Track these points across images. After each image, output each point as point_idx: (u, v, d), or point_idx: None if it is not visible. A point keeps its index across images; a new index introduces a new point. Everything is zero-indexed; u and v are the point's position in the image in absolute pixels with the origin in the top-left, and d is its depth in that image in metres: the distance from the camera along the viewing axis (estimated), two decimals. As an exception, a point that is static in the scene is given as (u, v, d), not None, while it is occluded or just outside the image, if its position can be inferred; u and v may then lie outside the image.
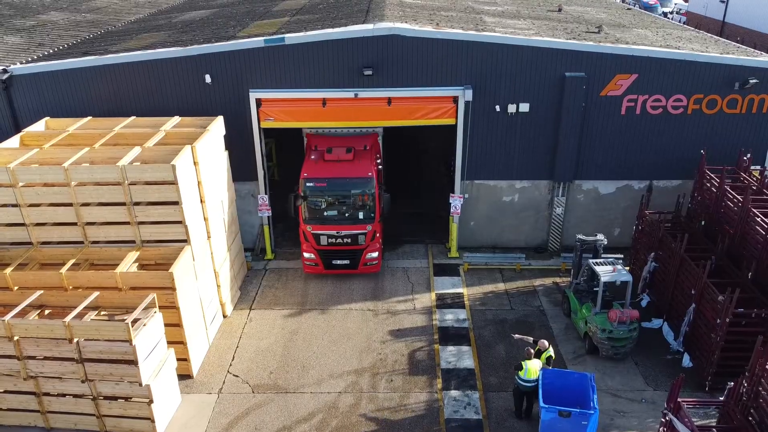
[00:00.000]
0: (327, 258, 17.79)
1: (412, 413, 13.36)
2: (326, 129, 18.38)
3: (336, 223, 17.45)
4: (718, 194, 15.81)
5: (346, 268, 17.89)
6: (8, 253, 14.22)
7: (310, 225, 17.49)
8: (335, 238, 17.50)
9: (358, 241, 17.54)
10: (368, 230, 17.44)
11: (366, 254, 17.71)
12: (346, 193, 17.32)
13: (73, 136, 15.60)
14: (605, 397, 13.61)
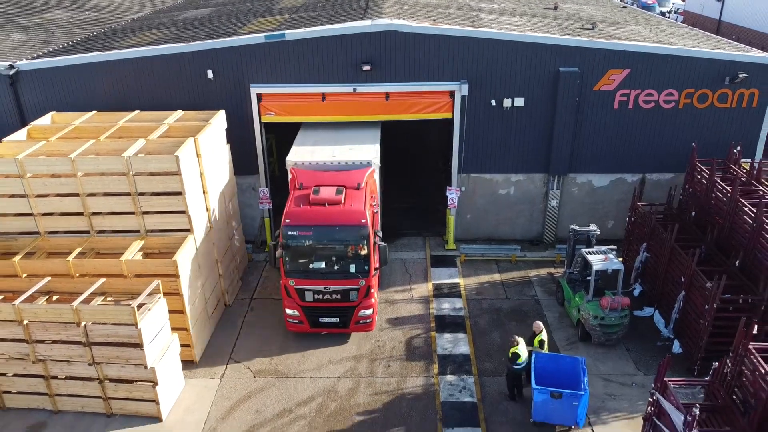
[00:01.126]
0: (313, 316, 15.36)
1: (409, 396, 13.76)
2: (314, 161, 16.38)
3: (323, 278, 15.02)
4: (708, 186, 16.19)
5: (334, 327, 15.51)
6: (16, 243, 14.61)
7: (293, 279, 15.01)
8: (322, 294, 15.07)
9: (349, 297, 15.10)
10: (361, 285, 14.99)
11: (358, 312, 15.27)
12: (334, 242, 14.98)
13: (78, 130, 16.01)
14: (597, 382, 14.01)
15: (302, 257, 14.97)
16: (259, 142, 18.70)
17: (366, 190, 15.63)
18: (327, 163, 16.27)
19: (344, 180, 15.70)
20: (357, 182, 15.60)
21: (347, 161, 16.30)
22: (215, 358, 15.05)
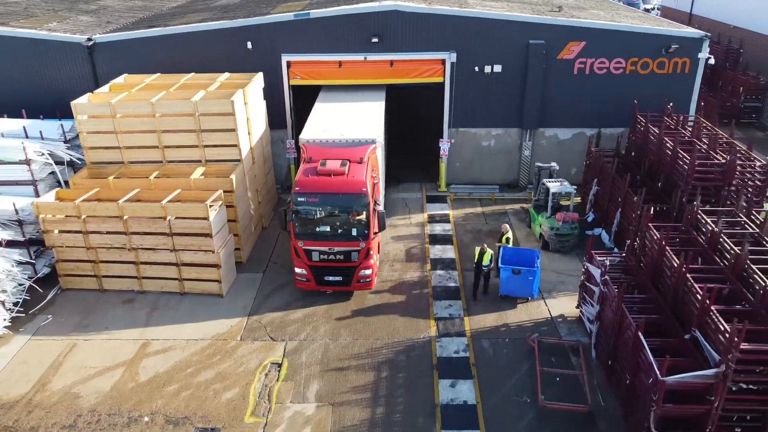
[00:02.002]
0: (319, 274, 17.13)
1: (408, 283, 18.11)
2: (323, 139, 18.39)
3: (328, 240, 16.84)
4: (644, 132, 20.55)
5: (338, 285, 17.32)
6: (106, 170, 18.96)
7: (302, 240, 16.89)
8: (327, 254, 16.89)
9: (350, 258, 16.90)
10: (361, 248, 16.79)
11: (359, 271, 17.06)
12: (338, 208, 16.80)
13: (149, 86, 20.36)
14: (551, 275, 18.31)
15: (309, 221, 16.76)
16: (288, 102, 23.06)
17: (368, 163, 17.35)
18: (334, 141, 18.27)
19: (349, 155, 17.46)
20: (360, 157, 17.36)
21: (352, 139, 18.25)
22: (258, 261, 19.40)
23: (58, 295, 17.78)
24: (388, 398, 13.83)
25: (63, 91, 21.73)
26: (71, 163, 19.60)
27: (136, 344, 15.73)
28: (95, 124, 18.58)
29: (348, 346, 15.51)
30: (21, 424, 13.24)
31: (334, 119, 20.20)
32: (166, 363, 15.05)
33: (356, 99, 22.03)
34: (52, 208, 17.00)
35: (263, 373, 14.61)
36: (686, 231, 14.91)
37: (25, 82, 22.41)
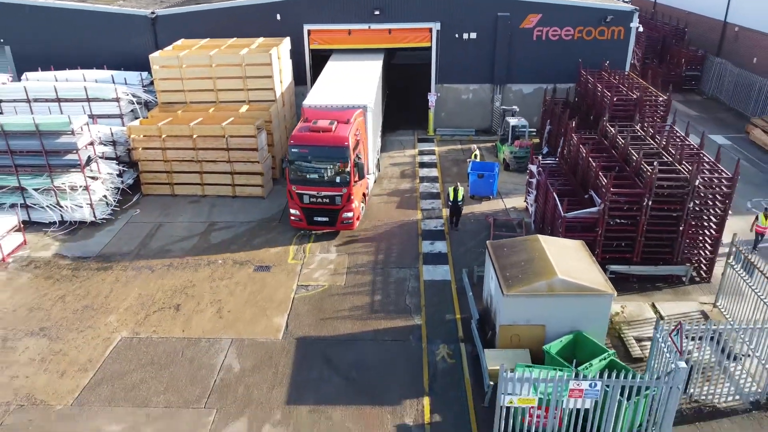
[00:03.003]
0: (309, 215, 20.09)
1: (402, 190, 24.19)
2: (321, 104, 21.52)
3: (316, 185, 19.68)
4: (585, 84, 26.60)
5: (325, 225, 20.28)
6: (173, 108, 25.01)
7: (295, 185, 19.85)
8: (315, 197, 19.79)
9: (334, 201, 19.74)
10: (343, 193, 19.62)
11: (342, 214, 19.92)
12: (323, 158, 19.53)
13: (203, 46, 26.43)
14: (509, 185, 24.33)
15: (301, 169, 19.81)
16: (308, 62, 29.14)
17: (353, 124, 20.29)
18: (330, 105, 21.40)
19: (338, 116, 20.53)
20: (347, 118, 20.46)
21: (344, 104, 21.44)
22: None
23: (140, 199, 23.85)
24: (386, 251, 19.88)
25: (132, 52, 27.88)
26: (146, 103, 25.70)
27: (204, 224, 21.84)
28: (166, 73, 24.68)
29: (359, 225, 21.57)
30: (135, 264, 19.33)
31: (333, 87, 23.95)
32: (228, 234, 21.14)
33: (355, 68, 26.53)
34: (140, 129, 23.09)
35: (298, 238, 20.68)
36: (598, 139, 20.96)
37: (104, 46, 28.48)
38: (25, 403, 13.67)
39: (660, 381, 11.59)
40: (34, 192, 21.10)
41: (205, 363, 14.84)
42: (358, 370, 14.59)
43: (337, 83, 24.50)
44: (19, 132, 20.65)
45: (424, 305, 17.00)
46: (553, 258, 14.20)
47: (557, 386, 11.51)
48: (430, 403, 13.55)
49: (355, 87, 23.73)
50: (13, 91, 24.24)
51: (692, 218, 17.21)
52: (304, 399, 13.69)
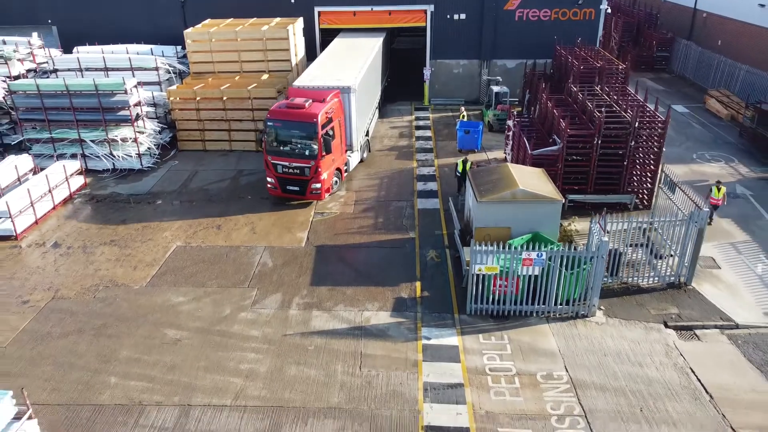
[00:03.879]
0: (283, 183, 21.96)
1: (400, 146, 28.27)
2: (306, 85, 23.30)
3: (288, 157, 21.45)
4: (559, 58, 30.65)
5: (296, 194, 22.08)
6: (204, 76, 29.08)
7: (270, 156, 21.68)
8: (287, 168, 21.59)
9: (304, 172, 21.44)
10: (311, 165, 21.29)
11: (311, 184, 21.67)
12: (294, 132, 21.29)
13: (228, 24, 30.49)
14: (491, 141, 28.39)
15: (276, 141, 21.63)
16: (318, 40, 33.18)
17: (328, 104, 21.83)
18: (312, 86, 23.24)
19: (316, 96, 22.18)
20: (323, 98, 22.05)
21: (325, 85, 23.16)
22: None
23: (177, 153, 27.91)
24: (387, 190, 23.95)
25: (163, 31, 31.94)
26: (180, 72, 29.78)
27: (234, 171, 25.94)
28: (198, 46, 28.76)
29: (364, 169, 25.63)
30: (179, 198, 23.41)
31: (322, 69, 25.73)
32: (254, 178, 25.15)
33: (350, 51, 28.51)
34: (178, 93, 27.16)
35: (313, 181, 24.77)
36: (564, 98, 25.02)
37: (139, 25, 32.53)
38: (110, 285, 17.79)
39: (589, 251, 15.69)
40: (92, 143, 25.17)
41: (245, 261, 18.94)
42: (366, 266, 18.68)
43: (327, 65, 26.49)
44: (81, 92, 24.70)
45: (417, 224, 21.11)
46: (517, 177, 18.26)
47: (514, 256, 15.60)
48: (420, 285, 17.64)
49: (342, 70, 25.34)
50: (68, 61, 28.33)
51: (634, 155, 21.27)
52: (324, 282, 17.79)
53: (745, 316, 16.28)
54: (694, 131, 30.19)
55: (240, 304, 16.81)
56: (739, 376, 14.20)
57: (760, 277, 17.95)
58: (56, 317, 16.38)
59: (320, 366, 14.46)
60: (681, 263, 17.49)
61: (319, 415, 13.02)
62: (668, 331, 15.78)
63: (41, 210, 21.69)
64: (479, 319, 16.13)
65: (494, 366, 14.49)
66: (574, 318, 16.18)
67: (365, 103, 26.01)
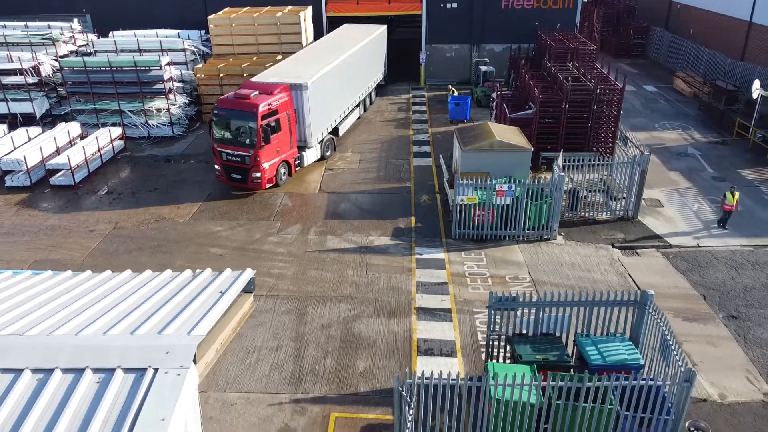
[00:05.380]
0: (227, 171, 22.75)
1: (398, 117, 32.08)
2: (263, 81, 23.75)
3: (231, 145, 22.28)
4: (540, 42, 34.44)
5: (240, 182, 22.75)
6: (225, 57, 32.85)
7: (216, 144, 22.55)
8: (230, 156, 22.39)
9: (244, 161, 22.16)
10: (251, 154, 21.92)
11: (251, 173, 22.31)
12: (237, 121, 22.04)
13: (245, 11, 34.26)
14: (478, 114, 32.17)
15: (222, 129, 22.53)
16: (325, 28, 36.95)
17: (273, 96, 22.34)
18: (266, 81, 23.67)
19: (266, 89, 22.71)
20: (271, 91, 22.57)
21: (278, 81, 23.53)
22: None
23: (202, 125, 31.66)
24: (387, 152, 27.73)
25: (186, 18, 35.71)
26: (204, 54, 33.57)
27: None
28: (220, 30, 32.56)
29: (366, 136, 29.43)
30: (208, 158, 27.16)
31: (287, 67, 26.27)
32: (272, 143, 28.95)
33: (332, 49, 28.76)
34: (203, 70, 30.93)
35: (323, 145, 28.58)
36: (541, 74, 28.80)
37: (164, 12, 36.28)
38: (159, 219, 21.61)
39: (549, 184, 19.49)
40: (130, 113, 28.96)
41: (269, 203, 22.75)
42: (370, 206, 22.49)
43: (298, 61, 27.14)
44: (121, 68, 28.48)
45: (413, 176, 24.92)
46: (495, 131, 22.07)
47: (489, 189, 19.40)
48: (415, 219, 21.45)
49: (307, 67, 25.61)
50: (105, 43, 32.12)
51: (598, 118, 25.05)
52: (335, 216, 21.61)
53: (678, 239, 20.10)
54: (660, 106, 34.00)
55: (267, 232, 20.63)
56: (666, 278, 18.03)
57: (695, 213, 21.78)
58: (119, 240, 20.20)
59: (335, 271, 18.28)
60: (629, 201, 21.30)
61: (335, 300, 16.84)
62: (614, 250, 19.61)
63: (93, 166, 25.49)
64: (462, 242, 19.94)
65: (472, 272, 18.31)
66: (538, 241, 19.99)
67: (329, 101, 26.09)
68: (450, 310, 16.43)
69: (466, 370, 14.20)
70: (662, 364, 11.99)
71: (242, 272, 6.83)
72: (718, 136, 29.08)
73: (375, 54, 32.94)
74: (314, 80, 24.12)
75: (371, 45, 31.62)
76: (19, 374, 4.34)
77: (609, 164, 22.40)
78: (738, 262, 18.74)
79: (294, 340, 15.27)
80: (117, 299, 5.70)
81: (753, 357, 14.70)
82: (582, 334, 12.89)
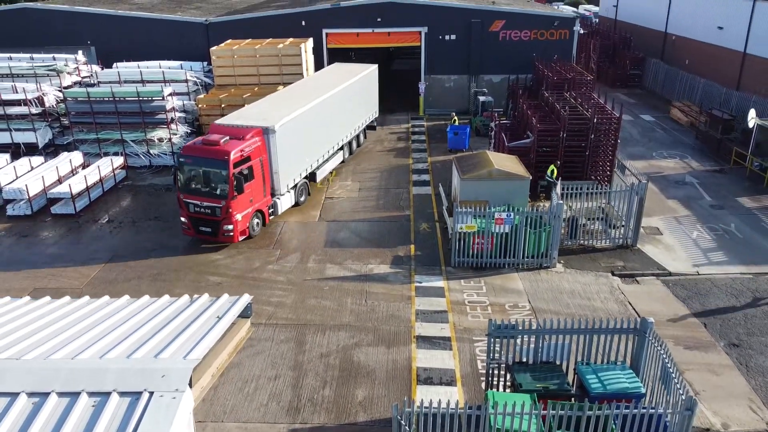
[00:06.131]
0: (195, 224, 20.81)
1: (398, 147, 32.34)
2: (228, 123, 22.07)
3: (200, 195, 20.40)
4: (537, 72, 34.94)
5: (209, 235, 20.93)
6: (226, 87, 33.30)
7: (183, 194, 20.64)
8: (199, 207, 20.48)
9: (215, 213, 20.31)
10: (222, 205, 20.16)
11: (223, 226, 20.48)
12: (206, 169, 20.29)
13: (247, 44, 34.85)
14: (477, 143, 32.43)
15: (189, 178, 20.71)
16: (326, 59, 37.50)
17: (246, 142, 20.67)
18: (234, 124, 21.93)
19: (236, 133, 20.99)
20: (242, 135, 20.87)
21: (247, 124, 21.79)
22: (312, 141, 33.68)
23: (203, 154, 31.86)
24: (387, 180, 27.85)
25: (190, 49, 36.32)
26: (206, 85, 34.04)
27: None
28: (222, 62, 33.06)
29: (366, 165, 29.62)
30: (209, 187, 27.31)
31: (258, 108, 24.62)
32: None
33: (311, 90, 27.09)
34: (205, 100, 31.33)
35: (323, 174, 28.77)
36: (538, 103, 29.15)
37: (168, 44, 36.90)
38: (158, 248, 21.62)
39: (548, 211, 19.56)
40: (132, 143, 29.22)
41: (268, 231, 22.78)
42: (369, 234, 22.53)
43: (266, 105, 25.30)
44: (125, 98, 28.84)
45: (412, 205, 25.02)
46: (493, 160, 22.25)
47: (488, 217, 19.46)
48: (414, 247, 21.46)
49: (280, 109, 23.85)
50: (109, 75, 32.57)
51: (595, 147, 25.26)
52: (335, 245, 21.63)
53: (677, 266, 20.09)
54: (657, 135, 34.30)
55: (267, 260, 20.64)
56: (666, 306, 17.97)
57: (694, 240, 21.80)
58: (119, 269, 20.21)
59: (334, 299, 18.23)
60: (628, 228, 21.34)
61: (335, 329, 16.76)
62: (614, 278, 19.58)
63: (94, 194, 25.63)
64: (461, 270, 19.92)
65: (472, 300, 18.26)
66: (538, 269, 19.97)
67: (304, 145, 24.47)
68: (450, 339, 16.34)
69: (466, 398, 14.06)
70: (663, 393, 11.88)
71: (239, 297, 6.85)
72: (715, 165, 29.26)
73: (363, 94, 31.26)
74: (283, 123, 22.40)
75: (358, 85, 30.05)
76: (14, 398, 4.34)
77: (607, 192, 22.47)
78: (738, 289, 18.70)
79: (292, 368, 15.16)
80: (114, 324, 5.71)
81: (755, 385, 14.57)
82: (582, 362, 12.81)
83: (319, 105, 25.49)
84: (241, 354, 15.26)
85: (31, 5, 38.85)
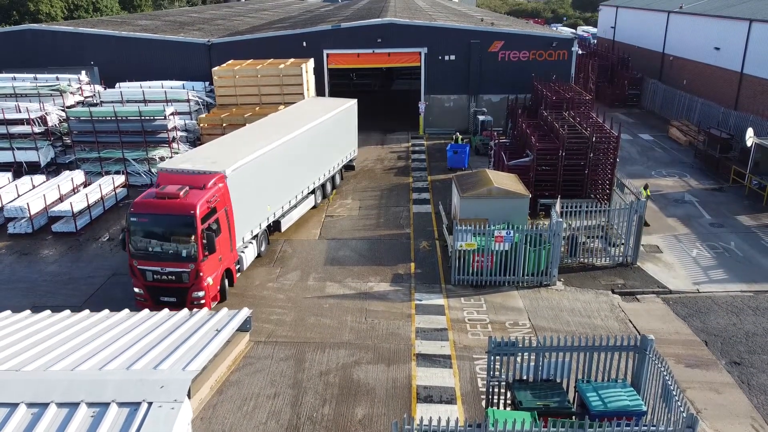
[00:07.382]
0: (155, 294, 17.49)
1: (398, 166, 32.49)
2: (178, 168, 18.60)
3: (160, 260, 17.14)
4: (536, 92, 35.25)
5: (173, 305, 16.79)
6: (228, 107, 33.59)
7: (137, 260, 17.29)
8: (160, 274, 17.19)
9: (182, 279, 17.15)
10: (191, 269, 17.01)
11: (191, 293, 17.25)
12: (166, 228, 17.11)
13: (248, 64, 35.23)
14: (477, 162, 32.58)
15: (144, 241, 17.20)
16: (326, 79, 37.87)
17: (210, 191, 17.52)
18: (187, 170, 18.41)
19: (193, 181, 17.72)
20: (203, 183, 17.67)
21: (201, 169, 18.35)
22: (312, 160, 33.85)
23: (204, 173, 32.03)
24: (387, 199, 27.95)
25: (192, 69, 36.69)
26: (207, 104, 34.34)
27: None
28: (224, 82, 33.39)
29: (367, 183, 29.74)
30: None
31: (211, 150, 21.33)
32: (273, 191, 29.29)
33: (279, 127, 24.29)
34: (207, 120, 31.57)
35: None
36: (537, 122, 29.37)
37: (171, 64, 37.32)
38: (159, 266, 21.62)
39: (548, 229, 19.60)
40: (133, 162, 29.39)
41: (270, 249, 22.79)
42: (370, 252, 22.55)
43: (219, 146, 22.03)
44: (127, 117, 29.08)
45: (412, 223, 25.07)
46: (493, 178, 22.36)
47: (488, 235, 19.51)
48: (414, 265, 21.47)
49: (233, 151, 20.72)
50: (112, 94, 32.88)
51: (594, 165, 25.38)
52: (335, 263, 21.64)
53: (677, 284, 20.08)
54: (656, 154, 34.48)
55: (267, 278, 20.64)
56: (666, 324, 17.92)
57: (694, 258, 21.81)
58: (119, 287, 20.20)
59: (334, 317, 18.20)
60: (627, 246, 21.37)
61: (334, 347, 16.70)
62: (614, 296, 19.55)
63: (95, 213, 25.71)
64: (461, 288, 19.90)
65: (472, 317, 18.22)
66: (538, 286, 19.96)
67: (265, 190, 21.44)
68: (450, 357, 16.28)
69: (466, 416, 13.97)
70: (665, 411, 11.81)
71: (238, 311, 6.86)
72: (714, 183, 29.37)
73: (339, 132, 27.98)
74: (237, 168, 19.24)
75: (332, 122, 26.87)
76: (14, 408, 4.36)
77: (606, 210, 22.54)
78: (738, 307, 18.66)
79: (292, 387, 15.08)
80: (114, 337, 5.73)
81: (757, 404, 14.48)
82: (583, 380, 12.75)
83: (284, 145, 22.55)
84: (241, 372, 15.20)
85: (35, 27, 39.41)
